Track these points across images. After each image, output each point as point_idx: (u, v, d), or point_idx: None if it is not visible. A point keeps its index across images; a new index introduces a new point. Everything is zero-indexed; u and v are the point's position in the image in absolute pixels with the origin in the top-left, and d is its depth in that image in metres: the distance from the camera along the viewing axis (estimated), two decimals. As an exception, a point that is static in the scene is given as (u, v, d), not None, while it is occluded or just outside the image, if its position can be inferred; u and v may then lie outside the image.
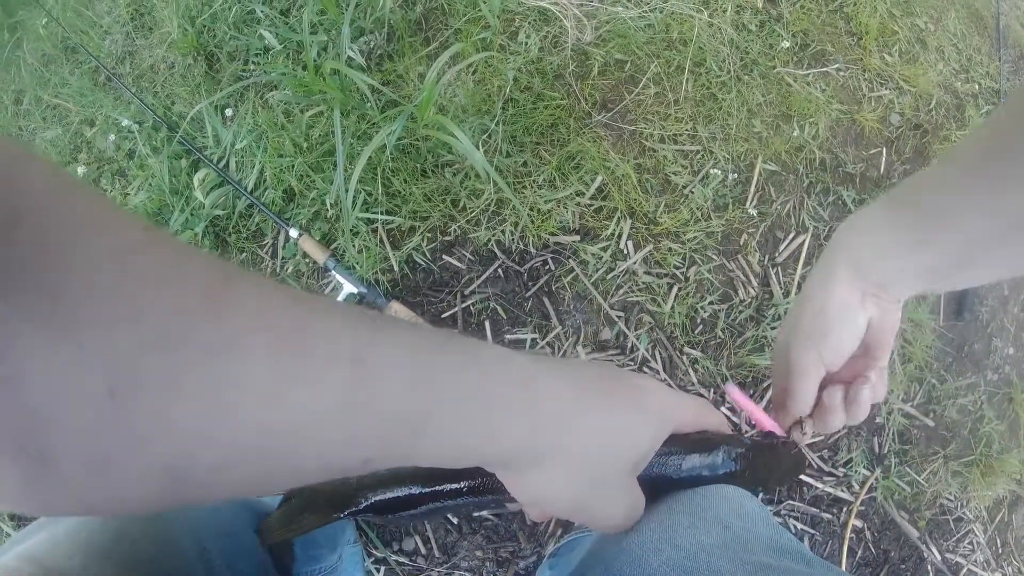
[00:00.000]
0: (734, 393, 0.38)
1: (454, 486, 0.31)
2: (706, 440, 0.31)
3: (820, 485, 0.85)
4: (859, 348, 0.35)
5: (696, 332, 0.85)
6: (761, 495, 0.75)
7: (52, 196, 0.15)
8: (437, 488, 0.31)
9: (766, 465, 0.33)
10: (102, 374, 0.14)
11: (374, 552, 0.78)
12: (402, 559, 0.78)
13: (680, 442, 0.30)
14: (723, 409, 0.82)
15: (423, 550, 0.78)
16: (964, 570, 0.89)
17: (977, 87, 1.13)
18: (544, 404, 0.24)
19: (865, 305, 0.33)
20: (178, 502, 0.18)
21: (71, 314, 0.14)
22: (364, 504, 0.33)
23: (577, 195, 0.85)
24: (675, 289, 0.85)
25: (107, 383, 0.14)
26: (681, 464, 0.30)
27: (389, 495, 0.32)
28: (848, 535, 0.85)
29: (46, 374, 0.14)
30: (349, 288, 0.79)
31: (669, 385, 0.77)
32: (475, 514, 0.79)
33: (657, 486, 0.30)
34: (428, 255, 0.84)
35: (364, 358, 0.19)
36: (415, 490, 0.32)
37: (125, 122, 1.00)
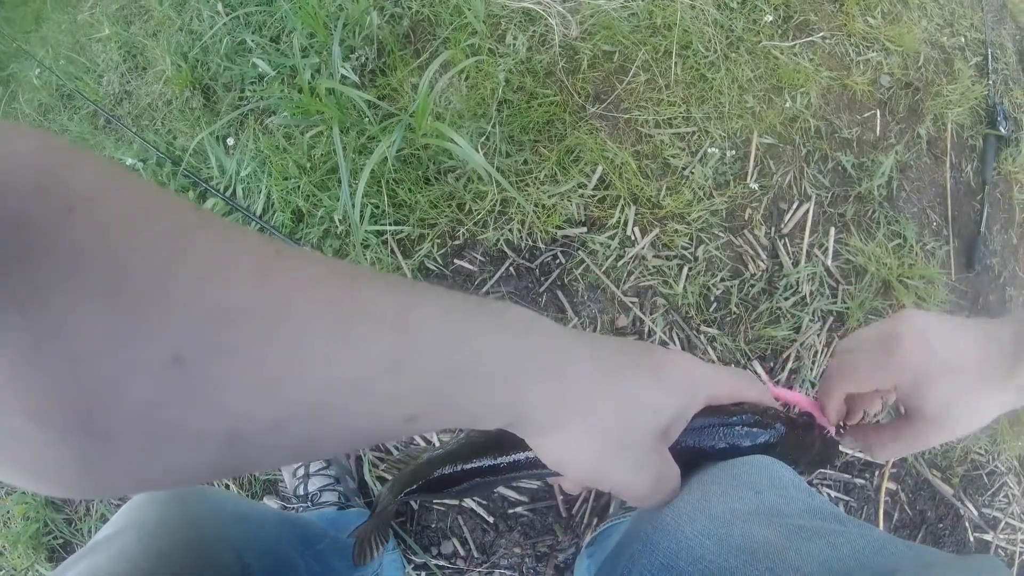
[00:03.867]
0: (777, 392, 0.38)
1: (498, 460, 0.32)
2: (742, 412, 0.31)
3: (850, 450, 0.85)
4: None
5: (711, 310, 0.85)
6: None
7: (105, 184, 0.15)
8: (481, 463, 0.33)
9: (798, 445, 0.34)
10: (167, 344, 0.15)
11: (413, 558, 0.79)
12: (441, 562, 0.78)
13: (715, 413, 0.30)
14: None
15: (462, 551, 0.79)
16: (1002, 524, 0.89)
17: (963, 39, 1.13)
18: (568, 368, 0.25)
19: None
20: (234, 469, 0.19)
21: (135, 290, 0.15)
22: (417, 485, 0.35)
23: (579, 187, 0.86)
24: (685, 269, 0.86)
25: (172, 352, 0.15)
26: (715, 436, 0.31)
27: (439, 473, 0.34)
28: (883, 498, 0.85)
29: (111, 348, 0.14)
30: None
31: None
32: (510, 511, 0.80)
33: (693, 458, 0.31)
34: (440, 261, 0.85)
35: (406, 319, 0.20)
36: (459, 467, 0.33)
37: (129, 161, 1.02)
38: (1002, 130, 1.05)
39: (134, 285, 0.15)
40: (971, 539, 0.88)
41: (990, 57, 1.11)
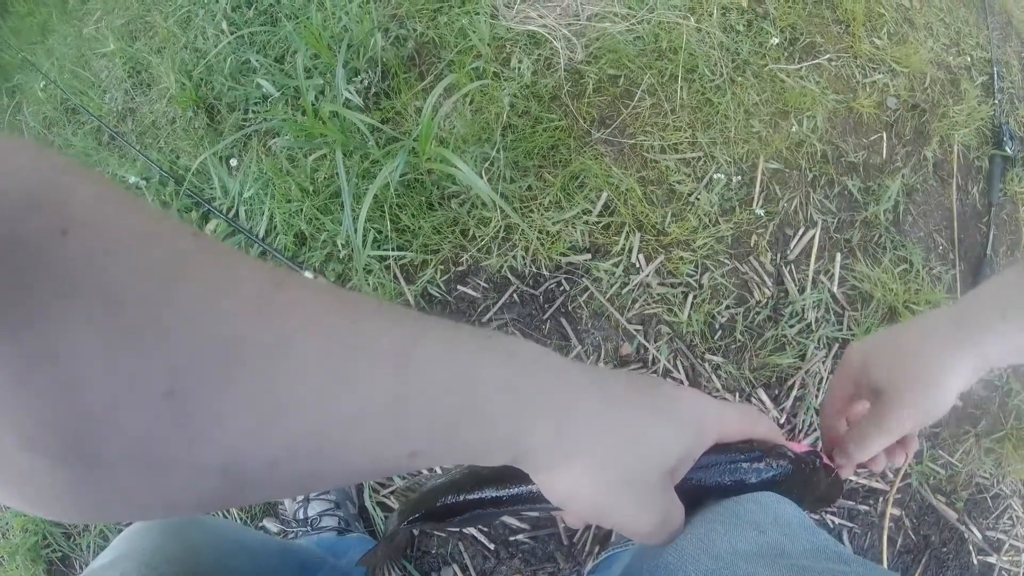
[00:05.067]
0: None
1: (500, 493, 0.32)
2: (749, 449, 0.31)
3: (854, 477, 0.85)
4: None
5: (715, 338, 0.85)
6: None
7: (101, 207, 0.15)
8: (483, 495, 0.32)
9: (803, 483, 0.33)
10: (161, 375, 0.15)
11: (415, 584, 0.78)
12: (443, 588, 0.78)
13: (722, 451, 0.30)
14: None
15: (463, 577, 0.79)
16: (1006, 546, 0.89)
17: (969, 59, 1.13)
18: (574, 404, 0.24)
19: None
20: (229, 503, 0.19)
21: (129, 318, 0.14)
22: (414, 516, 0.35)
23: (584, 213, 0.86)
24: (690, 297, 0.85)
25: (166, 384, 0.15)
26: (722, 473, 0.30)
27: (442, 502, 0.34)
28: (887, 524, 0.85)
29: (104, 377, 0.14)
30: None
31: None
32: (511, 538, 0.79)
33: (698, 495, 0.30)
34: (443, 287, 0.85)
35: (408, 355, 0.20)
36: (462, 497, 0.33)
37: (132, 179, 1.01)
38: (1008, 150, 1.04)
39: (128, 312, 0.14)
40: (975, 562, 0.87)
41: (996, 76, 1.11)
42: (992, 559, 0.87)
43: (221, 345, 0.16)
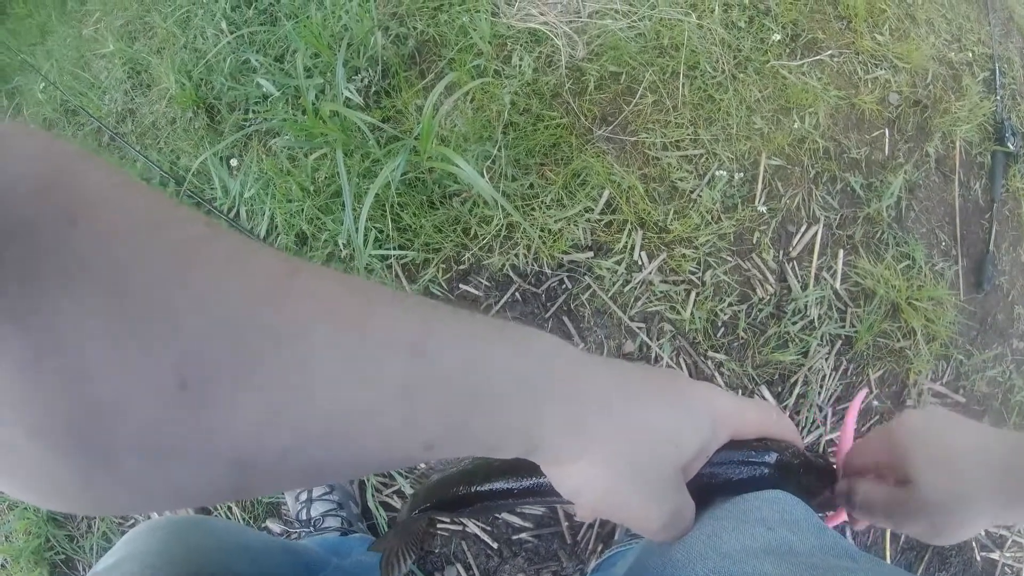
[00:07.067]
0: (857, 403, 0.39)
1: (511, 485, 0.32)
2: (763, 448, 0.30)
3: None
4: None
5: (718, 335, 0.85)
6: None
7: (111, 194, 0.15)
8: (495, 486, 0.32)
9: (812, 490, 0.33)
10: (171, 365, 0.15)
11: (419, 584, 0.78)
12: (447, 588, 0.78)
13: (736, 448, 0.30)
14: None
15: (466, 576, 0.79)
16: (1008, 542, 0.89)
17: (971, 55, 1.13)
18: (589, 398, 0.24)
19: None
20: (238, 494, 0.18)
21: (137, 308, 0.14)
22: (425, 506, 0.35)
23: (586, 211, 0.86)
24: (693, 295, 0.85)
25: (175, 374, 0.15)
26: (734, 471, 0.30)
27: (453, 493, 0.34)
28: (891, 522, 0.84)
29: (113, 367, 0.14)
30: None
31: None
32: (515, 537, 0.79)
33: (710, 493, 0.30)
34: (445, 286, 0.85)
35: (423, 344, 0.19)
36: (474, 489, 0.33)
37: (133, 180, 1.01)
38: (1010, 146, 1.04)
39: (137, 300, 0.14)
40: (978, 558, 0.87)
41: (997, 72, 1.10)
42: (995, 555, 0.87)
43: (232, 333, 0.15)
